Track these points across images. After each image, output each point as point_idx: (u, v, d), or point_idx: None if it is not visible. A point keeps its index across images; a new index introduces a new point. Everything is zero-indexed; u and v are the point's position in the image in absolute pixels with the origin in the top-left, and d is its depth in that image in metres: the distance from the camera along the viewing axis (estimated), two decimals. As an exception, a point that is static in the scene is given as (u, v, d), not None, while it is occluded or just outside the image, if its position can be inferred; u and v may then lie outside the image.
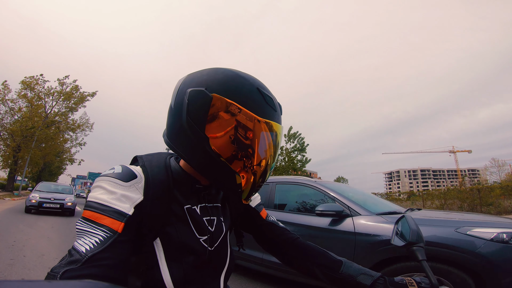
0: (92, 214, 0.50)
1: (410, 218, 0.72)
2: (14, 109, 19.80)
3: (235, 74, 0.59)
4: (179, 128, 0.58)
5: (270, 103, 0.59)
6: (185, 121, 0.57)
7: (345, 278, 0.67)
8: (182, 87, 0.59)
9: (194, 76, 0.60)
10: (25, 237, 5.35)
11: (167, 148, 0.72)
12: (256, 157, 0.57)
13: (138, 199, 0.55)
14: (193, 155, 0.58)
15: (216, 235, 0.66)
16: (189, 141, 0.57)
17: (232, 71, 0.60)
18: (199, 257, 0.61)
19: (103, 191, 0.53)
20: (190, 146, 0.58)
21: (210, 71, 0.59)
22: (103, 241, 0.47)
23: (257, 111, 0.56)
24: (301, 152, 18.33)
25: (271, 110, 0.59)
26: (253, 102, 0.56)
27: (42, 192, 10.74)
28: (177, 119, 0.58)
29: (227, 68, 0.61)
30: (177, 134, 0.59)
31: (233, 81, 0.57)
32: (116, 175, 0.55)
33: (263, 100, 0.58)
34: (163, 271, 0.57)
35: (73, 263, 0.43)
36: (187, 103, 0.56)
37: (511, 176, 38.64)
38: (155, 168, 0.61)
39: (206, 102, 0.55)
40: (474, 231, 2.15)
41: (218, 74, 0.58)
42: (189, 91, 0.57)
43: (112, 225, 0.49)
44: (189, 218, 0.61)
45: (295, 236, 0.79)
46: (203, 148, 0.56)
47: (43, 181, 13.24)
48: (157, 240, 0.57)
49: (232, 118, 0.55)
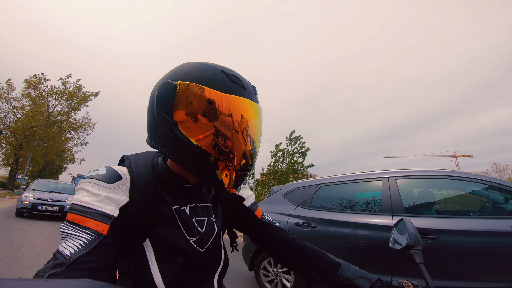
0: (75, 217, 0.49)
1: (408, 221, 0.72)
2: (17, 107, 19.91)
3: (199, 63, 0.58)
4: (154, 125, 0.58)
5: (237, 82, 0.57)
6: (155, 113, 0.56)
7: (343, 281, 0.66)
8: (154, 86, 0.60)
9: (163, 76, 0.61)
10: (23, 236, 5.35)
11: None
12: (237, 139, 0.55)
13: (123, 200, 0.54)
14: (172, 147, 0.56)
15: (207, 236, 0.65)
16: (165, 133, 0.56)
17: (197, 61, 0.59)
18: (189, 258, 0.61)
19: (86, 194, 0.52)
20: (167, 139, 0.56)
21: (177, 66, 0.60)
22: (88, 243, 0.46)
23: (223, 90, 0.54)
24: (302, 155, 18.30)
25: (239, 87, 0.56)
26: (218, 83, 0.54)
27: (38, 192, 8.71)
28: (151, 116, 0.58)
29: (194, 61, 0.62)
30: (155, 131, 0.58)
31: (197, 68, 0.57)
32: (99, 176, 0.54)
33: (228, 80, 0.56)
34: (154, 272, 0.56)
35: (58, 267, 0.43)
36: (156, 97, 0.56)
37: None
38: (141, 168, 0.60)
39: (171, 90, 0.54)
40: None
41: (183, 66, 0.59)
42: (156, 86, 0.58)
43: (97, 228, 0.48)
44: (178, 219, 0.60)
45: (292, 236, 0.78)
46: (174, 135, 0.54)
47: (40, 178, 11.02)
48: (146, 242, 0.57)
49: (197, 98, 0.53)
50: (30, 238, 5.23)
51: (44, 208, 8.15)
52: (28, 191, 8.78)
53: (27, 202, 8.03)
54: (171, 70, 0.60)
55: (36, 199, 8.16)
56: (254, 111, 0.58)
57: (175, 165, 0.64)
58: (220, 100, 0.53)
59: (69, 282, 0.22)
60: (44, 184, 9.96)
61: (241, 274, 3.86)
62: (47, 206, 8.22)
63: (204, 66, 0.57)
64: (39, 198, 8.26)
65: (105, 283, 0.22)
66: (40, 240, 5.21)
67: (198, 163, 0.56)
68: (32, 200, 8.11)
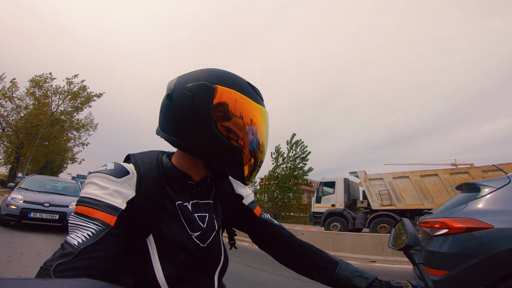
0: (84, 208, 0.51)
1: (408, 222, 0.73)
2: (21, 106, 19.99)
3: (227, 71, 0.65)
4: (183, 121, 0.59)
5: (259, 94, 0.66)
6: (190, 112, 0.58)
7: (340, 280, 0.67)
8: (178, 85, 0.61)
9: (188, 76, 0.63)
10: (22, 235, 5.34)
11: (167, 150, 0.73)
12: (259, 139, 0.63)
13: (130, 195, 0.56)
14: (203, 144, 0.59)
15: (208, 231, 0.66)
16: (197, 130, 0.59)
17: (223, 69, 0.65)
18: (191, 254, 0.62)
19: (95, 187, 0.54)
20: (198, 135, 0.59)
21: (204, 70, 0.64)
22: (96, 234, 0.47)
23: (251, 99, 0.62)
24: (303, 160, 18.27)
25: (260, 99, 0.65)
26: (248, 92, 0.62)
27: (30, 192, 6.30)
28: (180, 113, 0.60)
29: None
30: (182, 127, 0.60)
31: (229, 76, 0.63)
32: (108, 171, 0.57)
33: (253, 92, 0.64)
34: (156, 268, 0.57)
35: (66, 256, 0.44)
36: (191, 95, 0.59)
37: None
38: (147, 165, 0.62)
39: (210, 92, 0.59)
40: None
41: (213, 71, 0.63)
42: (190, 85, 0.60)
43: (105, 219, 0.50)
44: (180, 214, 0.62)
45: (290, 234, 0.79)
46: (211, 131, 0.58)
47: (34, 174, 8.31)
48: (149, 237, 0.58)
49: (235, 104, 0.59)
50: (29, 237, 5.22)
51: (39, 215, 5.74)
52: (16, 191, 6.24)
53: (13, 207, 5.64)
54: (195, 72, 0.63)
55: (27, 203, 5.76)
56: (268, 120, 0.67)
57: (181, 163, 0.66)
58: (252, 108, 0.62)
59: (69, 282, 0.22)
60: (39, 182, 7.18)
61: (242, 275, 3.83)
62: (43, 213, 5.79)
63: (233, 75, 0.64)
64: (32, 202, 5.85)
65: (105, 282, 0.23)
66: (39, 239, 5.19)
67: (229, 159, 0.60)
68: (21, 204, 5.67)
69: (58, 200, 6.22)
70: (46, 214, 5.86)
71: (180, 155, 0.67)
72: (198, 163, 0.65)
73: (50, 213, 5.90)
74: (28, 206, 5.76)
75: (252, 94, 0.63)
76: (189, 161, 0.66)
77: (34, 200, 5.93)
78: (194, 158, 0.64)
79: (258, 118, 0.63)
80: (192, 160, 0.65)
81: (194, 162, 0.65)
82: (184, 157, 0.66)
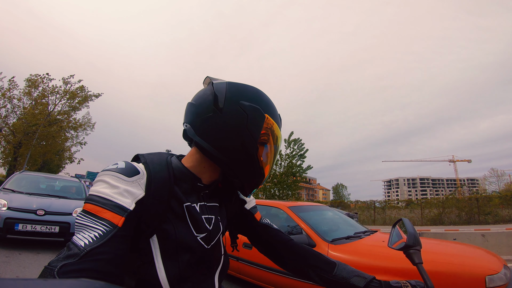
0: (93, 207, 0.50)
1: (407, 221, 0.73)
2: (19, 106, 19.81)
3: (270, 100, 0.71)
4: (229, 135, 0.62)
5: (281, 122, 0.72)
6: (240, 130, 0.62)
7: (339, 280, 0.68)
8: (231, 98, 0.63)
9: (239, 89, 0.65)
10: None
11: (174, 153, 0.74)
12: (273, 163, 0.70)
13: (140, 194, 0.56)
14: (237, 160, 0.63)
15: (214, 233, 0.67)
16: (239, 148, 0.62)
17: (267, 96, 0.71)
18: (195, 255, 0.62)
19: (106, 185, 0.53)
20: (238, 154, 0.63)
21: (256, 91, 0.68)
22: (103, 235, 0.47)
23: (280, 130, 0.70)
24: (301, 158, 18.30)
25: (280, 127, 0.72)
26: (279, 124, 0.70)
27: (18, 195, 4.51)
28: (228, 127, 0.62)
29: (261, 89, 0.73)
30: (224, 140, 0.62)
31: (273, 106, 0.69)
32: (119, 170, 0.56)
33: (280, 121, 0.71)
34: (159, 268, 0.57)
35: (71, 257, 0.43)
36: (247, 116, 0.62)
37: (510, 186, 38.63)
38: (157, 165, 0.62)
39: (262, 120, 0.64)
40: None
41: (263, 97, 0.68)
42: (247, 105, 0.63)
43: (113, 219, 0.50)
44: (187, 215, 0.62)
45: (288, 238, 0.81)
46: (252, 156, 0.63)
47: (24, 171, 5.91)
48: (153, 237, 0.58)
49: (275, 137, 0.68)
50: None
51: (30, 228, 4.00)
52: (0, 193, 4.45)
53: None
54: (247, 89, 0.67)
55: (12, 210, 4.03)
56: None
57: (193, 166, 0.67)
58: (280, 139, 0.70)
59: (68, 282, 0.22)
60: (30, 180, 5.23)
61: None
62: (36, 224, 4.04)
63: (274, 105, 0.70)
64: (20, 209, 4.10)
65: (104, 282, 0.23)
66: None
67: (252, 178, 0.66)
68: (4, 212, 3.97)
69: (57, 205, 4.40)
70: (41, 226, 4.05)
71: (196, 159, 0.67)
72: (214, 169, 0.67)
73: (46, 224, 4.09)
74: (15, 214, 3.98)
75: (280, 124, 0.70)
76: (206, 166, 0.67)
77: (23, 207, 4.11)
78: (212, 164, 0.66)
79: (278, 146, 0.70)
80: (210, 166, 0.66)
81: (209, 168, 0.67)
82: (203, 162, 0.66)
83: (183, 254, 0.60)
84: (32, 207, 4.22)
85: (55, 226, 4.21)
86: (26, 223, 4.04)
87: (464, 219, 13.98)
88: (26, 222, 4.05)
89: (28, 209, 4.17)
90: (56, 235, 4.20)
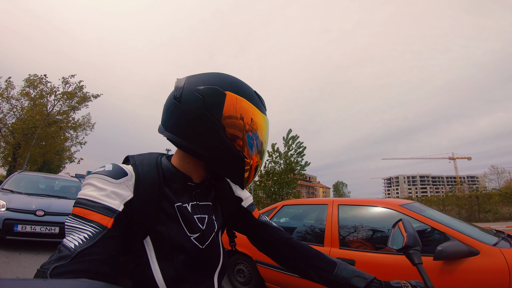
0: (81, 210, 0.50)
1: (407, 222, 0.72)
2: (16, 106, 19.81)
3: (238, 79, 0.67)
4: (191, 123, 0.60)
5: (263, 103, 0.69)
6: (200, 115, 0.59)
7: (339, 280, 0.67)
8: (188, 86, 0.61)
9: (198, 78, 0.63)
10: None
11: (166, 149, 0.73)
12: (260, 147, 0.65)
13: (128, 196, 0.56)
14: (210, 147, 0.60)
15: (207, 233, 0.66)
16: (204, 133, 0.59)
17: (232, 75, 0.67)
18: (190, 255, 0.62)
19: (93, 188, 0.53)
20: (204, 138, 0.60)
21: (215, 74, 0.65)
22: (92, 236, 0.47)
23: (258, 108, 0.65)
24: (299, 155, 18.32)
25: (264, 109, 0.68)
26: (255, 101, 0.65)
27: (17, 195, 4.56)
28: (188, 115, 0.60)
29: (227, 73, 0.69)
30: (188, 129, 0.60)
31: (238, 83, 0.65)
32: (106, 172, 0.56)
33: (259, 101, 0.67)
34: (155, 269, 0.57)
35: (62, 259, 0.43)
36: (203, 98, 0.59)
37: (510, 183, 38.72)
38: (146, 166, 0.62)
39: (222, 97, 0.60)
40: None
41: (225, 77, 0.65)
42: (202, 88, 0.60)
43: (102, 221, 0.49)
44: (179, 216, 0.62)
45: (288, 236, 0.79)
46: (219, 137, 0.59)
47: (23, 171, 5.92)
48: (147, 239, 0.58)
49: (244, 112, 0.61)
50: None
51: (30, 229, 4.02)
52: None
53: None
54: (207, 75, 0.64)
55: (12, 211, 4.05)
56: (268, 128, 0.70)
57: (181, 164, 0.66)
58: (259, 118, 0.64)
59: (68, 282, 0.22)
60: (29, 180, 5.28)
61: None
62: (36, 225, 4.06)
63: (243, 83, 0.66)
64: (19, 209, 4.12)
65: (104, 283, 0.23)
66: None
67: (231, 164, 0.62)
68: (3, 213, 3.99)
69: (56, 205, 4.41)
70: (41, 227, 4.07)
71: (181, 156, 0.67)
72: (199, 165, 0.65)
73: (46, 225, 4.11)
74: (14, 215, 4.01)
75: (258, 104, 0.65)
76: (191, 162, 0.66)
77: (22, 207, 4.15)
78: (195, 160, 0.64)
79: (261, 127, 0.65)
80: (194, 161, 0.65)
81: (195, 164, 0.66)
82: (186, 158, 0.66)
83: (178, 254, 0.60)
84: (31, 207, 4.24)
85: (55, 227, 4.22)
86: (25, 224, 4.07)
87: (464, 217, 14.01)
88: (25, 223, 4.07)
89: (27, 210, 4.19)
90: (56, 236, 4.21)
